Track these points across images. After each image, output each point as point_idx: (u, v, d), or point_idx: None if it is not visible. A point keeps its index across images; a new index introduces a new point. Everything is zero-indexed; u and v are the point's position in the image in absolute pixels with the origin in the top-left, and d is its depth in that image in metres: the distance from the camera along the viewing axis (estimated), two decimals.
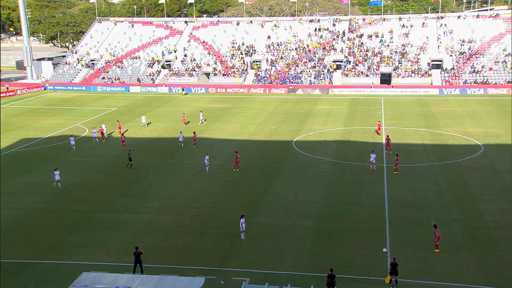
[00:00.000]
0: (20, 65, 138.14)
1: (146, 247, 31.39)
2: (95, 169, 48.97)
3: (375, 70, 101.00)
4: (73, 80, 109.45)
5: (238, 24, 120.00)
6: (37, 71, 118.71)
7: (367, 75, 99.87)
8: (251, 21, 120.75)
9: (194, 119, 71.87)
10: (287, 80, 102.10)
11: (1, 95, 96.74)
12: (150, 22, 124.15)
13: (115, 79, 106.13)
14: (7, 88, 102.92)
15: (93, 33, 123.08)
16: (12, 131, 65.40)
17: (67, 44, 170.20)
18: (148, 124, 67.84)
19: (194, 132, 57.80)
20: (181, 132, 57.47)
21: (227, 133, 63.22)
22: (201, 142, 58.19)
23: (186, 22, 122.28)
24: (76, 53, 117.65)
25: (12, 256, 31.35)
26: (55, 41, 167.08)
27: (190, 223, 35.70)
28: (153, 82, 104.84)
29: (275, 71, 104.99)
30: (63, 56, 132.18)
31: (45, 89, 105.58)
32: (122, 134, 59.97)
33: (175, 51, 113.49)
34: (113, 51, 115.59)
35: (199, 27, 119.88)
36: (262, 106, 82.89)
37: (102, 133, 58.51)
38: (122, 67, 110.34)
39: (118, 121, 64.42)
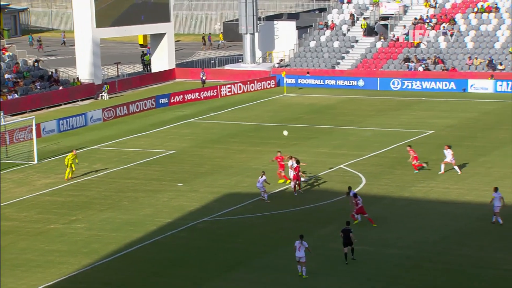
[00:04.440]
0: (229, 30, 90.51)
1: None
2: None
3: None
4: (337, 65, 69.80)
5: None
6: (263, 46, 73.19)
7: None
8: None
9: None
10: None
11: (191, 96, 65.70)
12: None
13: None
14: (204, 82, 67.44)
15: None
16: (218, 173, 46.04)
17: None
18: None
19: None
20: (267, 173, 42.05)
21: None
22: None
23: None
24: (349, 1, 76.40)
25: None
26: None
27: None
28: None
29: None
30: (322, 11, 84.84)
31: (278, 85, 68.41)
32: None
33: None
34: None
35: None
36: None
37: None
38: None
39: (279, 152, 45.73)
